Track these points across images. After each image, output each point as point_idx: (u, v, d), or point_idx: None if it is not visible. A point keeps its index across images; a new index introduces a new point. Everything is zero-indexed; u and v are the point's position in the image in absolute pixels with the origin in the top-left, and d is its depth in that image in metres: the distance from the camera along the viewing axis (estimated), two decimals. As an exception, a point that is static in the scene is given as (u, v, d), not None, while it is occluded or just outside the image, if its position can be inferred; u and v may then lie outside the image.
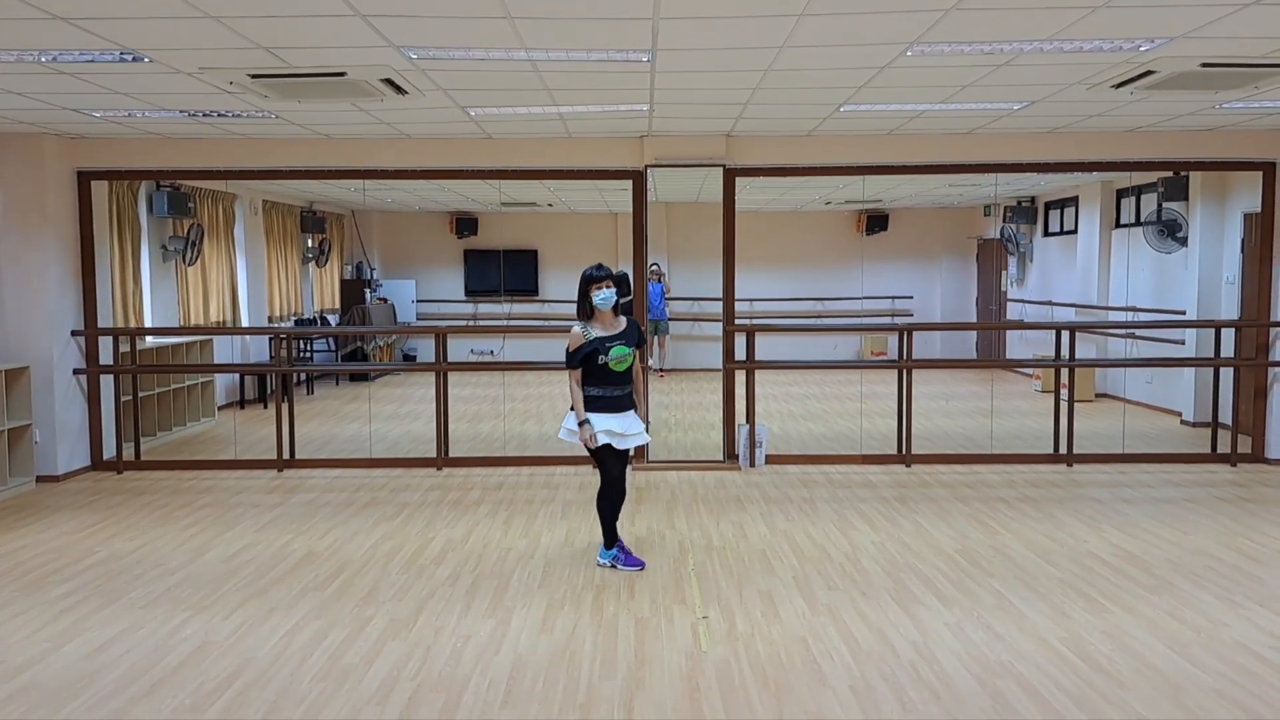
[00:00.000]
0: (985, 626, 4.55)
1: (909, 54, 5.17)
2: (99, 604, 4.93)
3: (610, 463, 5.38)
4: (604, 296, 5.29)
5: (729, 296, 8.23)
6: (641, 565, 5.46)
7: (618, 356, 5.29)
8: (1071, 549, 5.78)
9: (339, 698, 3.84)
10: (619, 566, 5.45)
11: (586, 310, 5.34)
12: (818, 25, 4.62)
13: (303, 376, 12.58)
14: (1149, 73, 5.55)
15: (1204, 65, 5.36)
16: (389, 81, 5.70)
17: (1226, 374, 8.46)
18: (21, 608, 4.89)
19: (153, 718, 3.68)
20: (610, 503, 5.44)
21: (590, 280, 5.31)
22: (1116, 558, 5.60)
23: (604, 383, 5.31)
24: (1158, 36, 4.84)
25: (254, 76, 5.52)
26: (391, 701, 3.80)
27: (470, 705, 3.77)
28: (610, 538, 5.49)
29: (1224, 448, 8.31)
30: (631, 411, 5.42)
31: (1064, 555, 5.65)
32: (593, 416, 5.29)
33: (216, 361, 10.55)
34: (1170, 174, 9.51)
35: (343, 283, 14.36)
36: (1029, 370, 13.06)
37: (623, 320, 5.41)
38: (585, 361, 5.29)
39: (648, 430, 5.62)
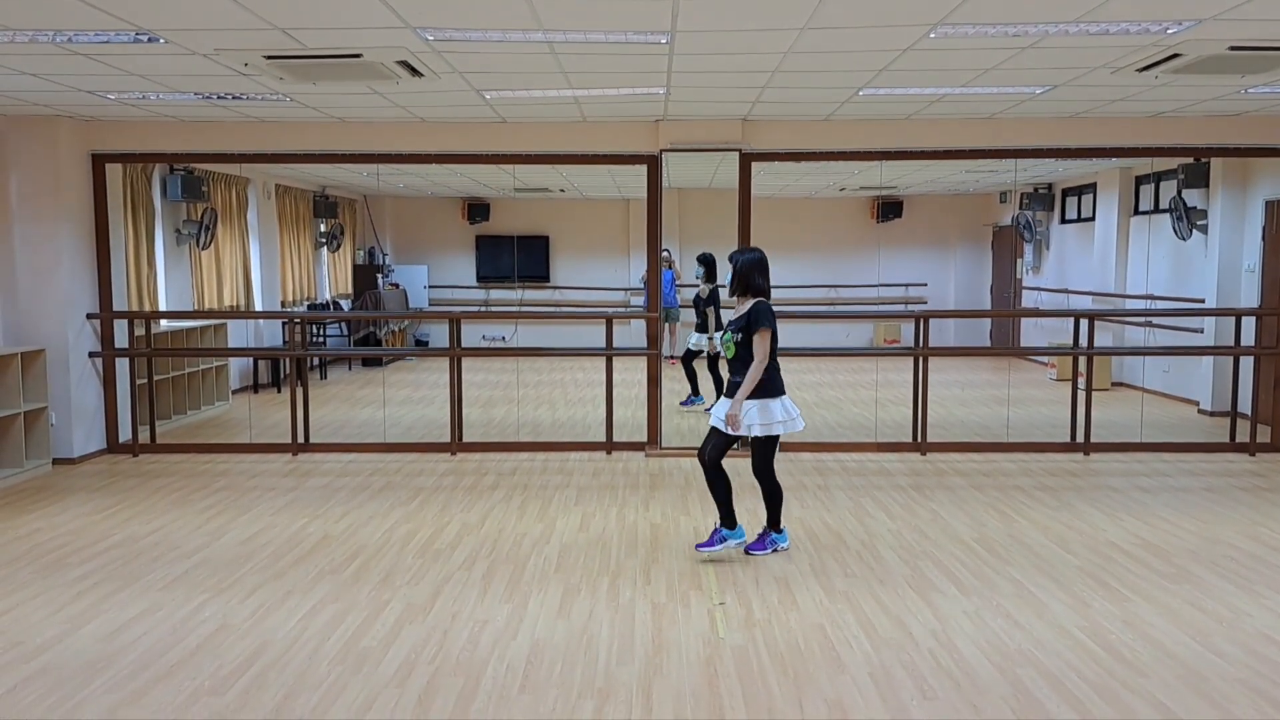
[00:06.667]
0: (1004, 615, 4.52)
1: (932, 35, 5.10)
2: (117, 586, 4.94)
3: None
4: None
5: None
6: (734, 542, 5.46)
7: (726, 341, 5.29)
8: (1090, 538, 5.74)
9: (357, 680, 3.84)
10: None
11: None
12: (841, 5, 4.56)
13: (316, 361, 12.59)
14: (1175, 56, 5.46)
15: (1232, 48, 5.27)
16: (405, 64, 5.66)
17: (1246, 363, 8.37)
18: (40, 589, 4.90)
19: (171, 699, 3.68)
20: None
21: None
22: (1135, 547, 5.56)
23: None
24: (1186, 19, 4.76)
25: (269, 58, 5.48)
26: (410, 685, 3.80)
27: (488, 689, 3.76)
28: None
29: (1243, 437, 8.24)
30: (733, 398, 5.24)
31: (1082, 544, 5.61)
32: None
33: (230, 346, 10.56)
34: (1191, 160, 9.41)
35: (355, 268, 14.37)
36: (1043, 358, 12.98)
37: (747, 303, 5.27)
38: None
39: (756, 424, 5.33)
